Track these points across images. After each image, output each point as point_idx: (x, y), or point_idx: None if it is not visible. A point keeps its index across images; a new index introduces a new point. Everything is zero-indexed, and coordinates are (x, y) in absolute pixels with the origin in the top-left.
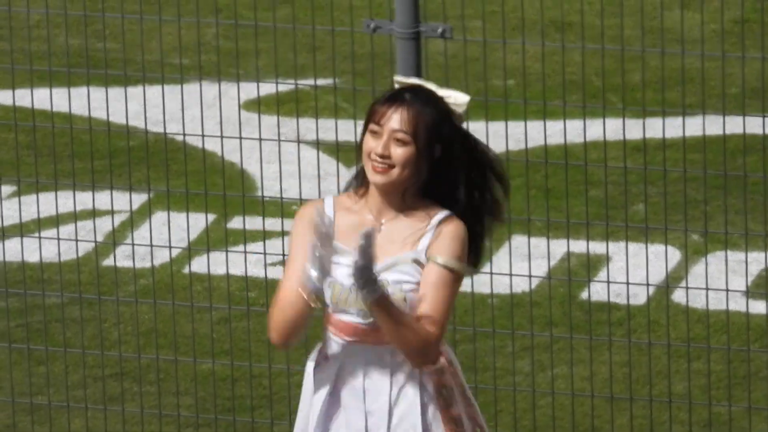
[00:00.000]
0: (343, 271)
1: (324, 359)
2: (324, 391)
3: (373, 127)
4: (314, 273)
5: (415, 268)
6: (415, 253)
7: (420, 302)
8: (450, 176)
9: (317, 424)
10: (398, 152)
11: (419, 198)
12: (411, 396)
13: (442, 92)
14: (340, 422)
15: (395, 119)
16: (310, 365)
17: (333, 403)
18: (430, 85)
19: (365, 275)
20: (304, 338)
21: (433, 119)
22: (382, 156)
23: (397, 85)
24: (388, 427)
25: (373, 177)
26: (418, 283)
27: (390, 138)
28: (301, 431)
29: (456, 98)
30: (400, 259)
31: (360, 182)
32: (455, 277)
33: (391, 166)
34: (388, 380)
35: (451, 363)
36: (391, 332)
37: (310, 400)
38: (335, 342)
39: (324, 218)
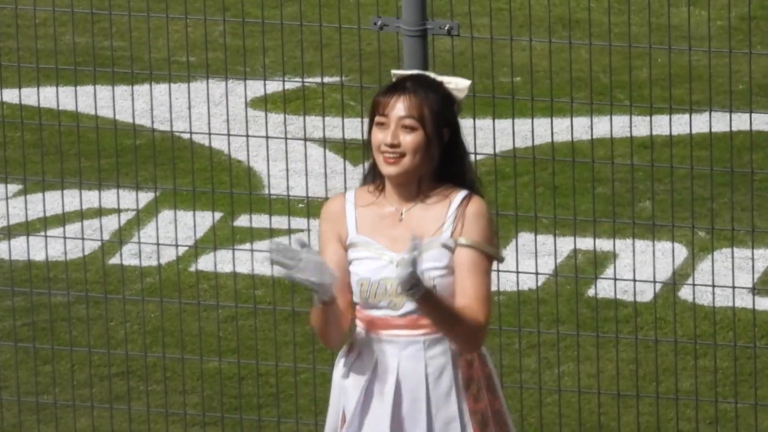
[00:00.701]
0: (369, 266)
1: (356, 357)
2: (359, 387)
3: (379, 119)
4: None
5: (443, 253)
6: (441, 238)
7: (458, 290)
8: (459, 160)
9: (352, 420)
10: (407, 139)
11: (435, 183)
12: (446, 387)
13: (442, 78)
14: (375, 416)
15: (400, 107)
16: (338, 368)
17: (368, 397)
18: (429, 74)
19: (412, 281)
20: (346, 336)
21: (438, 104)
22: (392, 145)
23: (394, 78)
24: (428, 420)
25: (386, 169)
26: (446, 268)
27: (397, 126)
28: (332, 430)
29: (457, 83)
30: (426, 246)
31: (374, 177)
32: (487, 258)
33: (402, 155)
34: (423, 372)
35: (481, 353)
36: (439, 324)
37: (342, 399)
38: (367, 338)
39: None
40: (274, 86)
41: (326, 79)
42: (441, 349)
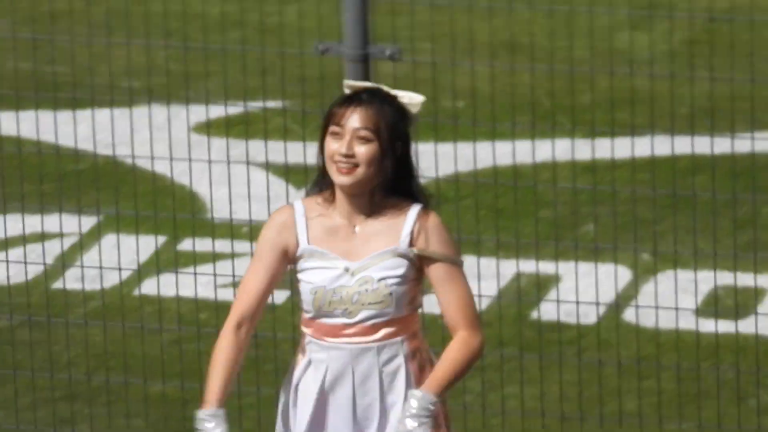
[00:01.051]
0: (323, 275)
1: (306, 366)
2: (311, 396)
3: (333, 128)
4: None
5: (399, 262)
6: (398, 247)
7: (444, 305)
8: (411, 174)
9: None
10: (362, 150)
11: (386, 196)
12: (401, 389)
13: (396, 92)
14: (330, 423)
15: (356, 118)
16: (288, 380)
17: (321, 407)
18: (383, 87)
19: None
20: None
21: (393, 116)
22: (346, 156)
23: (347, 90)
24: (379, 421)
25: (339, 178)
26: (402, 276)
27: (353, 137)
28: None
29: (411, 98)
30: (382, 255)
31: (323, 188)
32: (458, 266)
33: (356, 165)
34: (377, 376)
35: (431, 361)
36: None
37: (295, 410)
38: (318, 347)
39: None
40: (216, 111)
41: (269, 104)
42: (393, 353)
